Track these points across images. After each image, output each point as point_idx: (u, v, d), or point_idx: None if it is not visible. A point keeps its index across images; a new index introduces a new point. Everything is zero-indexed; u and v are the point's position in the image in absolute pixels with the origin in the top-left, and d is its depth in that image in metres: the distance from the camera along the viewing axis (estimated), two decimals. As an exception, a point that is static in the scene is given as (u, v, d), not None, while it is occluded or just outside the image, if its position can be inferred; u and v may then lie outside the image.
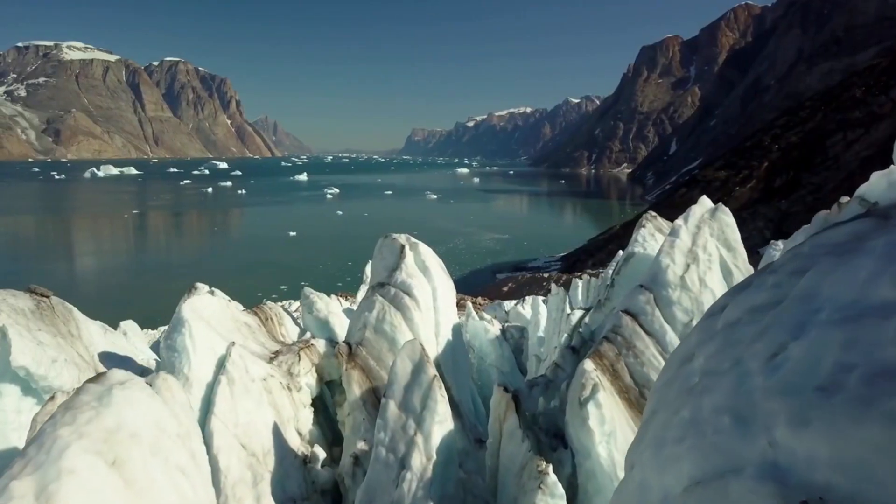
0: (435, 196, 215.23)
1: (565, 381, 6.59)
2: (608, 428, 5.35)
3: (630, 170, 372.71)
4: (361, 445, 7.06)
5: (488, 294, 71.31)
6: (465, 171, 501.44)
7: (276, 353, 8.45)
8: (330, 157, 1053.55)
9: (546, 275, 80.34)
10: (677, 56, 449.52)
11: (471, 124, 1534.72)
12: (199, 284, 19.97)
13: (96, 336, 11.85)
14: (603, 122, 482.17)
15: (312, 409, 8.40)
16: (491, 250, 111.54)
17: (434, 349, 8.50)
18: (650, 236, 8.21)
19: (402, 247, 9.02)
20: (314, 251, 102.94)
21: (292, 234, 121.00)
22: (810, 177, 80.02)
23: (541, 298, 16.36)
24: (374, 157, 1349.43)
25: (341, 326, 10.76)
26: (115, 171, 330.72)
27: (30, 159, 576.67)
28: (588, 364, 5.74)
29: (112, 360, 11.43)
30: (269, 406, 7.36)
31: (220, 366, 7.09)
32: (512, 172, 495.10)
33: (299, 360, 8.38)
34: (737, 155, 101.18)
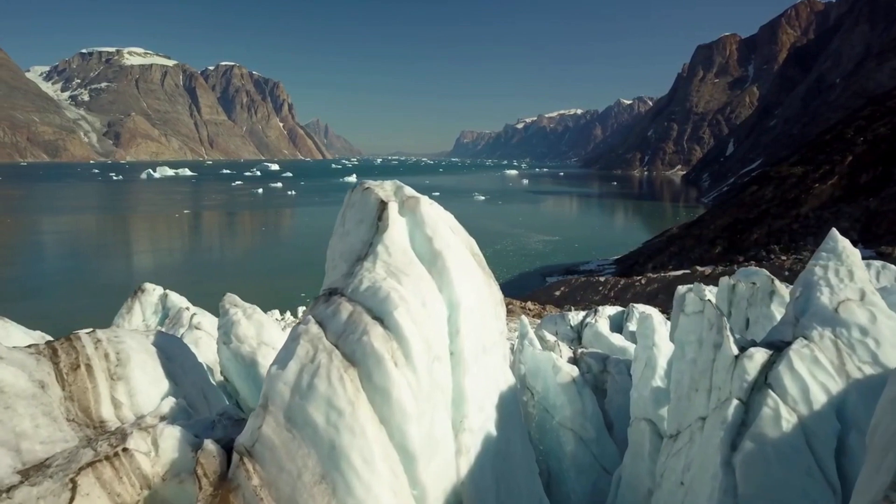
0: (483, 197, 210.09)
1: None
2: None
3: (684, 172, 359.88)
4: None
5: (538, 298, 65.73)
6: (513, 172, 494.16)
7: (35, 470, 3.09)
8: (379, 160, 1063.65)
9: (602, 278, 73.85)
10: (735, 55, 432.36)
11: (520, 126, 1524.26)
12: (148, 285, 15.28)
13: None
14: (656, 123, 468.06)
15: None
16: (540, 252, 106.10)
17: (451, 467, 3.18)
18: None
19: (384, 206, 3.75)
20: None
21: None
22: (904, 172, 71.33)
23: (656, 315, 9.59)
24: (423, 159, 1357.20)
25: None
26: (170, 172, 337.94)
27: (91, 161, 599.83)
28: None
29: None
30: None
31: None
32: (562, 174, 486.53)
33: (74, 491, 2.95)
34: (814, 149, 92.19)
